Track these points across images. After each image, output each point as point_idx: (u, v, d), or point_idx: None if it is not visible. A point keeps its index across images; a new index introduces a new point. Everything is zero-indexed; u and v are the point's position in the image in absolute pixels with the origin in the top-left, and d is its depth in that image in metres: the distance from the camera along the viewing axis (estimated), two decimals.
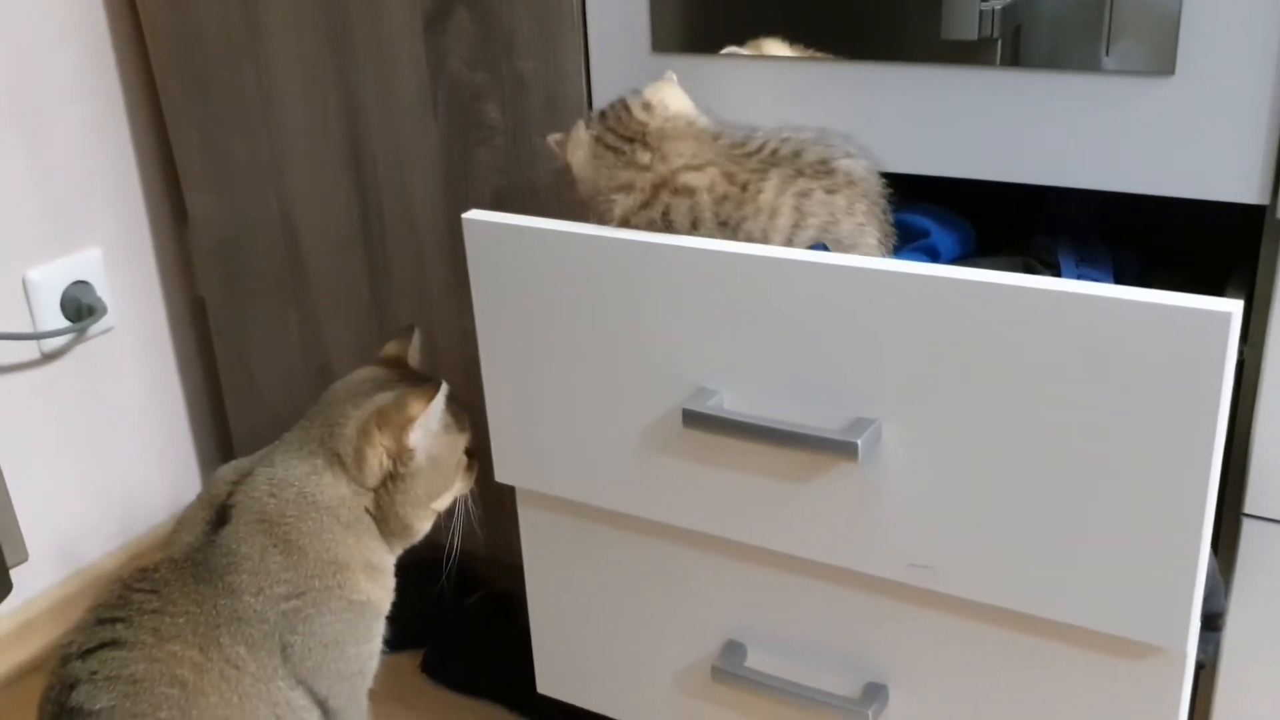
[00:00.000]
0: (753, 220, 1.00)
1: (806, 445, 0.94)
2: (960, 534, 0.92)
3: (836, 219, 0.99)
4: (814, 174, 1.00)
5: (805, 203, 0.99)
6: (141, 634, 1.01)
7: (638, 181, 1.02)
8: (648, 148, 1.03)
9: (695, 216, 1.00)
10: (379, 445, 1.10)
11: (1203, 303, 0.79)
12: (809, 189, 0.99)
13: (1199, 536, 0.84)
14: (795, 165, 1.00)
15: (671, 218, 1.00)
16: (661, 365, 1.01)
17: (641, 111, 1.05)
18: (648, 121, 1.04)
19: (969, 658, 0.98)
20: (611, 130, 1.05)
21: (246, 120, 1.48)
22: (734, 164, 1.01)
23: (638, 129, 1.04)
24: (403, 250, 1.43)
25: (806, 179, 0.99)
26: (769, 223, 0.99)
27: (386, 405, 1.11)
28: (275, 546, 1.07)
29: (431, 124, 1.34)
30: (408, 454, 1.11)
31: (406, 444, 1.10)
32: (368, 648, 1.13)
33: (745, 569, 1.06)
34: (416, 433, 1.10)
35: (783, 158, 1.01)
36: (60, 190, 1.59)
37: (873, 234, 1.00)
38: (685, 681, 1.14)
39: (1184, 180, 0.98)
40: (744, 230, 1.00)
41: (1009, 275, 0.86)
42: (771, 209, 0.99)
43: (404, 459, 1.11)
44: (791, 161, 1.00)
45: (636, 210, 1.02)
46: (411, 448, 1.11)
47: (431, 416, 1.11)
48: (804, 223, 0.99)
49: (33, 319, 1.58)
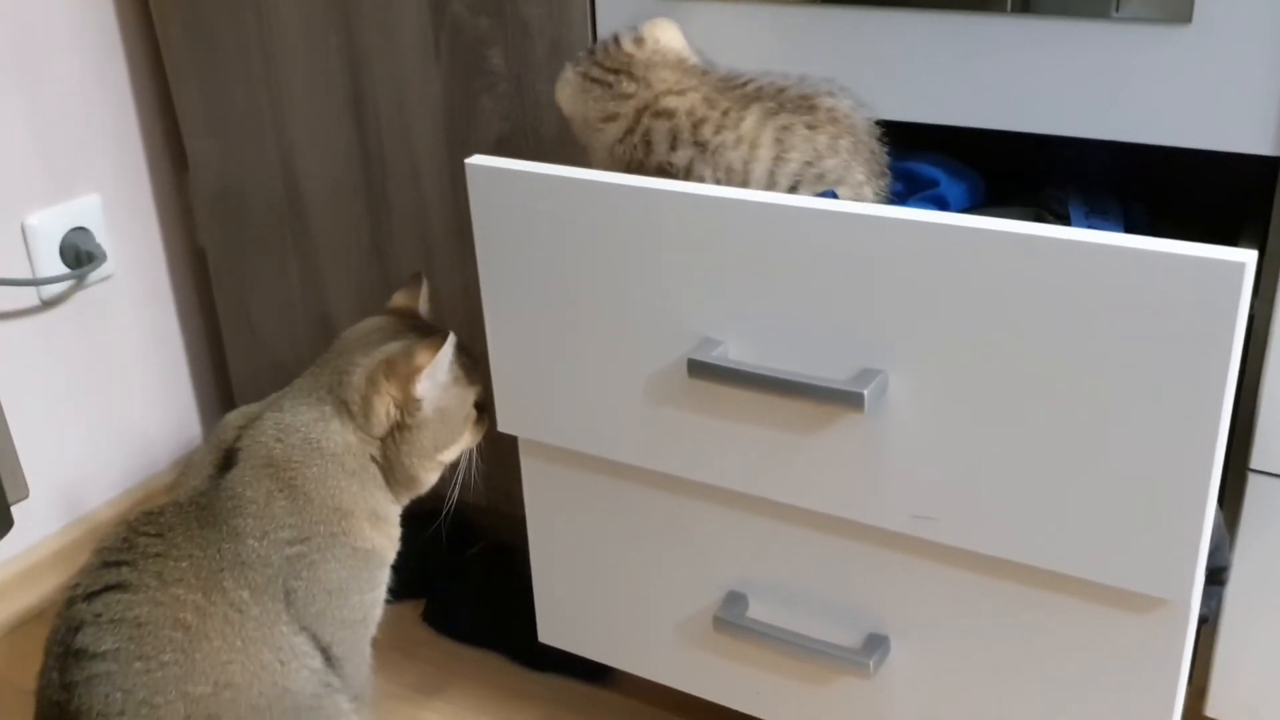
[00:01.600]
0: (733, 150, 1.01)
1: (812, 396, 0.93)
2: (965, 485, 0.92)
3: (820, 155, 1.00)
4: (795, 109, 1.01)
5: (787, 136, 1.00)
6: (145, 577, 1.01)
7: (622, 110, 1.04)
8: (633, 78, 1.04)
9: (674, 137, 1.02)
10: (386, 395, 1.10)
11: (1216, 252, 0.79)
12: (790, 123, 1.00)
13: (1206, 490, 0.83)
14: (777, 100, 1.02)
15: (651, 139, 1.03)
16: (666, 314, 1.00)
17: (631, 45, 1.06)
18: (634, 54, 1.06)
19: (971, 610, 0.98)
20: (599, 64, 1.06)
21: (247, 67, 1.47)
22: (717, 93, 1.03)
23: (624, 60, 1.05)
24: (404, 198, 1.42)
25: (788, 114, 1.01)
26: (750, 153, 1.00)
27: (394, 355, 1.11)
28: (281, 491, 1.07)
29: (434, 70, 1.33)
30: (414, 404, 1.10)
31: (413, 394, 1.10)
32: (371, 596, 1.13)
33: (748, 520, 1.06)
34: (423, 383, 1.10)
35: (765, 94, 1.02)
36: (60, 136, 1.58)
37: (859, 170, 1.01)
38: (686, 631, 1.14)
39: (1197, 131, 0.97)
40: (724, 159, 1.01)
41: (1019, 224, 0.85)
42: (752, 140, 1.00)
43: (410, 409, 1.11)
44: (774, 97, 1.02)
45: (622, 137, 1.04)
46: (418, 398, 1.10)
47: (438, 367, 1.10)
48: (786, 156, 1.00)
49: (32, 265, 1.57)
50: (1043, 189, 1.15)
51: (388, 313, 1.21)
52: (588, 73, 1.06)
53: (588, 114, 1.06)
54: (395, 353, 1.11)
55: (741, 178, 1.01)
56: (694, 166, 1.01)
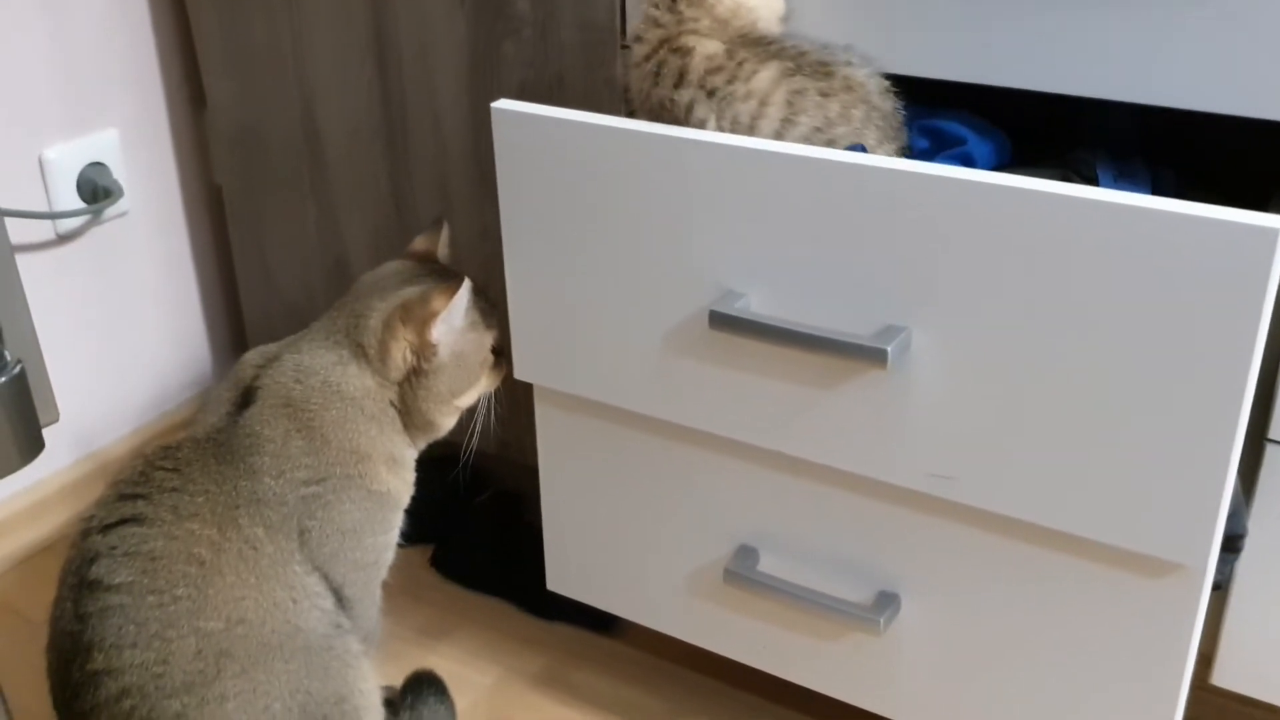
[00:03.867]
0: (742, 103, 1.00)
1: (835, 351, 0.93)
2: (985, 445, 0.92)
3: (831, 122, 1.00)
4: (812, 74, 1.00)
5: (799, 100, 1.00)
6: (161, 511, 1.01)
7: (649, 35, 1.05)
8: (673, 10, 1.04)
9: (682, 75, 1.02)
10: (403, 340, 1.10)
11: (1248, 218, 0.78)
12: (804, 87, 1.00)
13: (1229, 456, 0.83)
14: (796, 62, 1.01)
15: (661, 72, 1.03)
16: (689, 265, 1.00)
17: None
18: None
19: (983, 569, 0.98)
20: None
21: (268, 4, 1.46)
22: (739, 45, 1.02)
23: None
24: (424, 142, 1.41)
25: (804, 77, 1.00)
26: (759, 110, 1.00)
27: (411, 299, 1.10)
28: (298, 432, 1.07)
29: (458, 13, 1.32)
30: (430, 349, 1.10)
31: (429, 339, 1.09)
32: (384, 539, 1.13)
33: (762, 474, 1.06)
34: (439, 328, 1.09)
35: (786, 54, 1.02)
36: (80, 70, 1.57)
37: (871, 136, 1.00)
38: (696, 583, 1.15)
39: (1232, 97, 0.96)
40: (731, 110, 1.00)
41: (1048, 183, 0.85)
42: (763, 97, 1.00)
43: (427, 354, 1.10)
44: (794, 58, 1.01)
45: (640, 62, 1.05)
46: (434, 342, 1.10)
47: (454, 312, 1.10)
48: (794, 119, 0.99)
49: (49, 199, 1.56)
50: (1070, 151, 1.14)
51: (407, 257, 1.20)
52: None
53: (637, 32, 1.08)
54: (412, 297, 1.10)
55: (746, 132, 1.00)
56: (694, 109, 1.01)
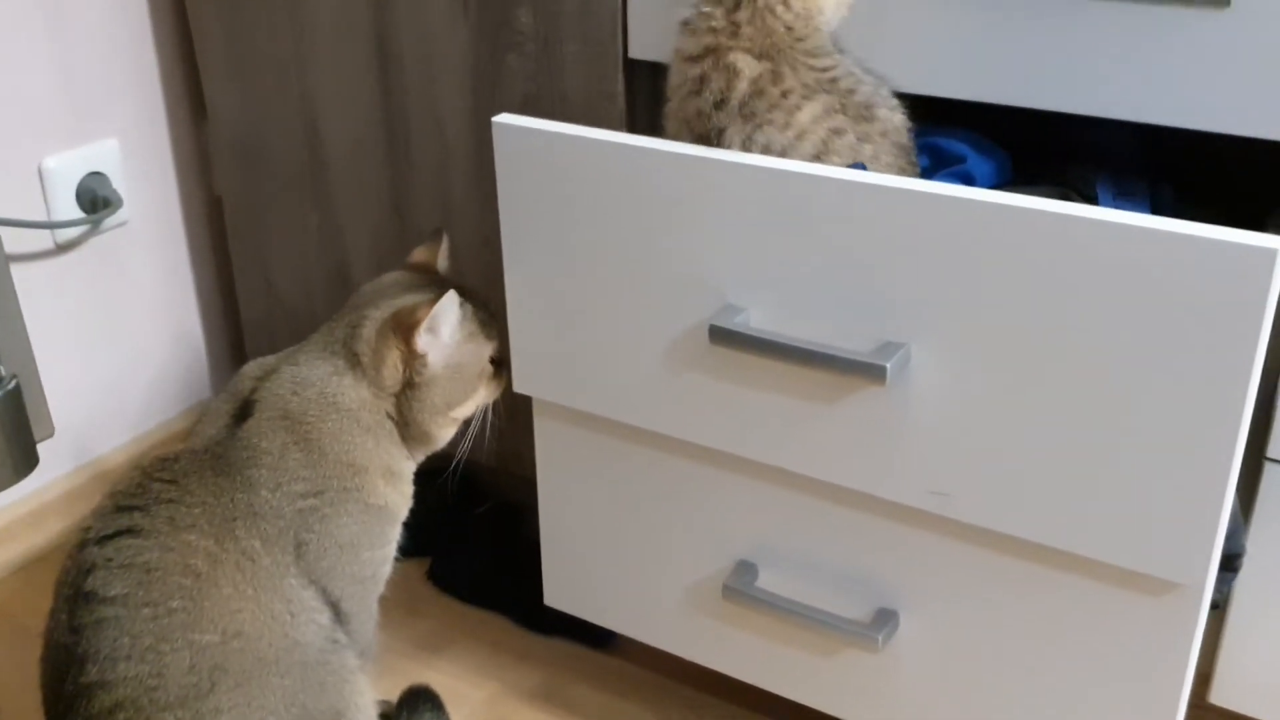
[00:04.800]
0: (779, 132, 0.98)
1: (834, 367, 0.93)
2: (983, 462, 0.92)
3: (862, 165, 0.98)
4: (855, 116, 0.98)
5: (835, 139, 0.98)
6: (158, 522, 1.01)
7: (699, 39, 1.00)
8: (731, 19, 0.99)
9: (724, 98, 0.98)
10: (395, 349, 1.10)
11: (1246, 238, 0.78)
12: (843, 128, 0.98)
13: (1227, 475, 0.83)
14: (842, 99, 0.99)
15: (704, 89, 0.99)
16: (689, 279, 1.00)
17: None
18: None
19: (981, 587, 0.98)
20: None
21: (270, 14, 1.46)
22: (790, 67, 0.99)
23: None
24: (426, 153, 1.41)
25: (847, 118, 0.98)
26: (793, 143, 0.98)
27: (400, 309, 1.10)
28: (296, 444, 1.06)
29: (462, 25, 1.32)
30: (420, 360, 1.10)
31: (416, 349, 1.09)
32: (382, 552, 1.13)
33: (762, 489, 1.06)
34: (423, 338, 1.09)
35: (838, 87, 0.99)
36: (81, 79, 1.57)
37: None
38: (695, 599, 1.14)
39: (1231, 116, 0.96)
40: (764, 136, 0.98)
41: (1047, 201, 0.85)
42: (800, 130, 0.98)
43: (417, 365, 1.10)
44: (843, 95, 0.99)
45: (684, 63, 1.01)
46: (421, 353, 1.09)
47: (440, 323, 1.09)
48: (827, 157, 0.98)
49: (48, 208, 1.56)
50: (1070, 168, 1.14)
51: (406, 268, 1.20)
52: None
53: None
54: (402, 308, 1.10)
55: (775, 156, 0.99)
56: (728, 132, 0.99)
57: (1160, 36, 0.96)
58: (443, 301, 1.08)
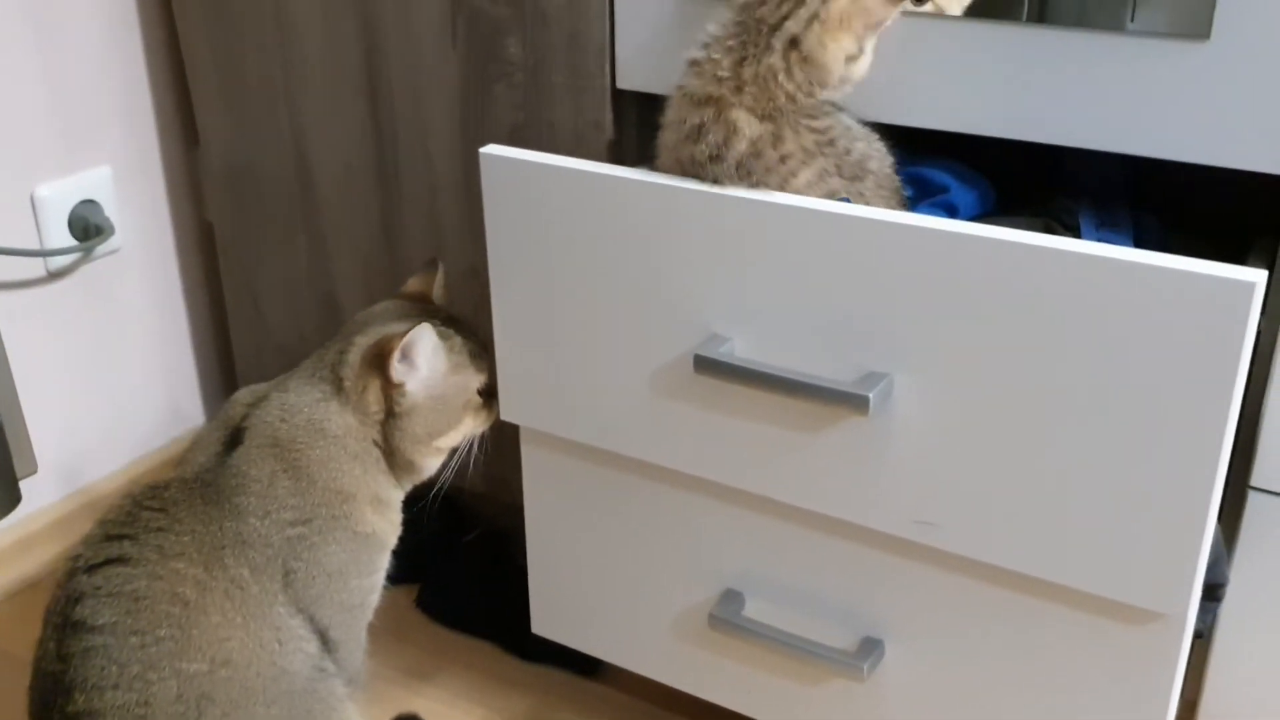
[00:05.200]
0: (775, 190, 0.97)
1: (818, 396, 0.93)
2: (967, 492, 0.92)
3: None
4: (851, 177, 0.99)
5: (830, 200, 0.98)
6: (146, 551, 1.01)
7: (702, 85, 0.98)
8: (736, 74, 0.97)
9: (720, 153, 0.97)
10: (376, 378, 1.10)
11: (1226, 271, 0.79)
12: (837, 190, 0.98)
13: (1207, 506, 0.84)
14: (838, 160, 0.99)
15: (702, 139, 0.97)
16: (674, 309, 1.00)
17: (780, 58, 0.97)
18: (773, 64, 0.96)
19: (967, 616, 0.98)
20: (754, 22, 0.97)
21: (262, 43, 1.47)
22: (791, 129, 0.97)
23: (758, 68, 0.96)
24: (415, 182, 1.42)
25: (843, 180, 0.98)
26: None
27: (380, 338, 1.10)
28: (285, 472, 1.07)
29: (450, 56, 1.33)
30: (398, 389, 1.10)
31: (392, 379, 1.09)
32: (370, 580, 1.13)
33: (748, 518, 1.06)
34: (397, 368, 1.09)
35: (835, 148, 0.99)
36: (73, 108, 1.58)
37: None
38: (681, 628, 1.15)
39: (1212, 148, 0.97)
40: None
41: (1029, 234, 0.86)
42: (796, 194, 0.97)
43: (396, 395, 1.10)
44: (840, 155, 0.99)
45: (683, 103, 0.99)
46: (398, 382, 1.10)
47: (414, 353, 1.09)
48: None
49: (40, 236, 1.57)
50: (1053, 198, 1.15)
51: (402, 297, 1.21)
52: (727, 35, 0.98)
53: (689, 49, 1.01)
54: (381, 336, 1.10)
55: None
56: (720, 182, 0.97)
57: (1142, 68, 0.97)
58: (413, 333, 1.08)
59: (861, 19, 0.95)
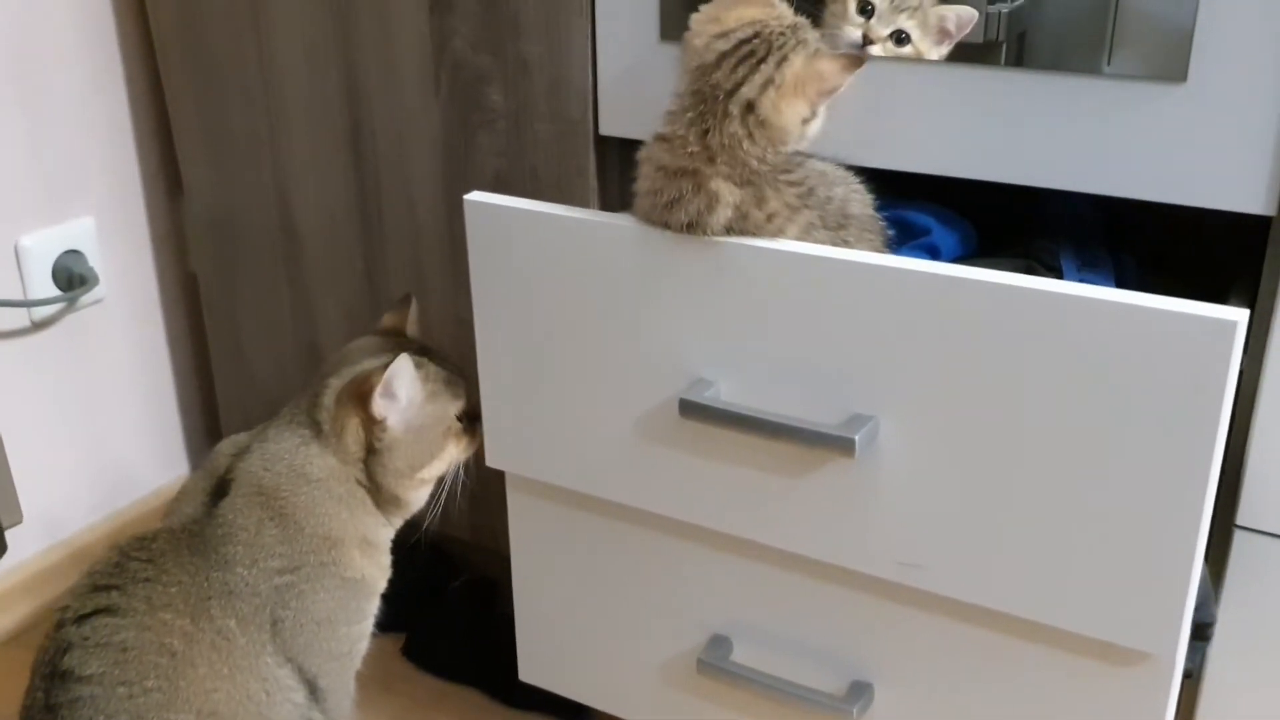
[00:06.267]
0: None
1: (803, 440, 0.93)
2: (953, 534, 0.92)
3: None
4: (835, 225, 0.99)
5: None
6: (134, 601, 1.01)
7: (669, 158, 0.97)
8: (704, 145, 0.95)
9: (699, 221, 0.95)
10: (354, 416, 1.09)
11: (1208, 310, 0.79)
12: (824, 240, 0.98)
13: (1194, 545, 0.84)
14: (822, 210, 0.99)
15: (678, 206, 0.96)
16: (659, 354, 1.00)
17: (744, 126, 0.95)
18: (738, 133, 0.95)
19: (956, 658, 0.98)
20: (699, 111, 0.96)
21: (246, 93, 1.48)
22: (772, 189, 0.97)
23: (725, 138, 0.95)
24: (399, 231, 1.43)
25: (828, 231, 0.98)
26: None
27: (356, 376, 1.10)
28: (271, 520, 1.06)
29: (433, 104, 1.33)
30: (380, 425, 1.09)
31: (374, 415, 1.09)
32: (359, 628, 1.12)
33: (735, 562, 1.06)
34: (379, 403, 1.08)
35: (815, 198, 0.99)
36: (56, 158, 1.58)
37: None
38: (669, 674, 1.14)
39: (1190, 188, 0.98)
40: None
41: (1011, 276, 0.86)
42: None
43: (377, 431, 1.10)
44: (821, 205, 0.99)
45: (655, 170, 0.97)
46: (380, 418, 1.09)
47: (395, 386, 1.08)
48: None
49: (24, 286, 1.57)
50: (1034, 239, 1.16)
51: (377, 333, 1.20)
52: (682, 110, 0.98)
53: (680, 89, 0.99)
54: (357, 374, 1.10)
55: None
56: None
57: (1119, 110, 0.98)
58: (394, 366, 1.07)
59: (815, 85, 0.95)
